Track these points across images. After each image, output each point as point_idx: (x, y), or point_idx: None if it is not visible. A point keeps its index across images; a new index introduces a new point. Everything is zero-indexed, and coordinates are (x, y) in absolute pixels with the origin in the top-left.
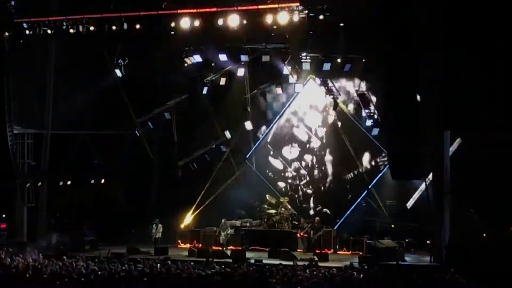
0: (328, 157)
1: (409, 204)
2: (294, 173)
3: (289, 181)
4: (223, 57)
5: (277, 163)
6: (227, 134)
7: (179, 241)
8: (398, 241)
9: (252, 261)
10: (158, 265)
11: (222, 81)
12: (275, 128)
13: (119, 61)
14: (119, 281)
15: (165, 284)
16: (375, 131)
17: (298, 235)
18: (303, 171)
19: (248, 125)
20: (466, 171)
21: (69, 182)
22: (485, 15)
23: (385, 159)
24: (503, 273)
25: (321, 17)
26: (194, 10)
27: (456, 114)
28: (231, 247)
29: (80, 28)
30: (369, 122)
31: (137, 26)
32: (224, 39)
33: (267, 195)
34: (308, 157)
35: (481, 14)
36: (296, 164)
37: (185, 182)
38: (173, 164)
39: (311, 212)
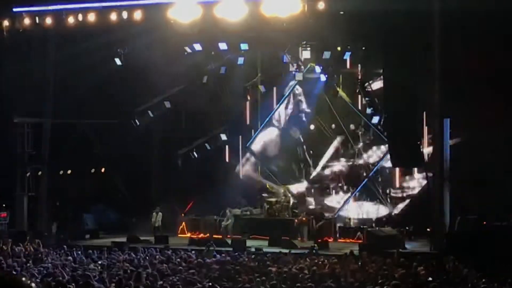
0: (328, 145)
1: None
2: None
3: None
4: (223, 46)
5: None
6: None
7: (180, 229)
8: (398, 228)
9: (253, 249)
10: (159, 253)
11: (222, 70)
12: (275, 117)
13: (118, 50)
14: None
15: (166, 272)
16: (375, 119)
17: (295, 221)
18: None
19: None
20: (467, 158)
21: (69, 171)
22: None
23: (386, 146)
24: (503, 261)
25: (320, 5)
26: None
27: (456, 102)
28: (232, 236)
29: (80, 17)
30: (369, 110)
31: (137, 15)
32: (224, 28)
33: (267, 184)
34: (308, 145)
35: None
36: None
37: (186, 171)
38: (173, 153)
39: (313, 202)
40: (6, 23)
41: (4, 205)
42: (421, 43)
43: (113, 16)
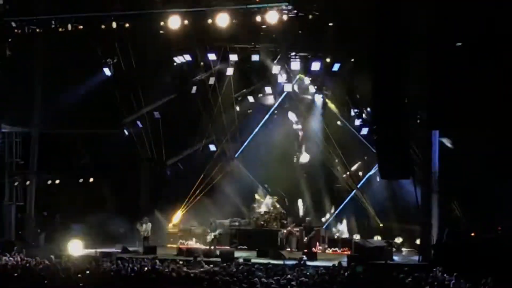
0: (316, 155)
1: None
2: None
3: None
4: (212, 57)
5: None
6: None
7: (168, 240)
8: (386, 240)
9: (241, 260)
10: (147, 264)
11: (211, 81)
12: (264, 128)
13: (108, 60)
14: (108, 280)
15: (154, 283)
16: (364, 131)
17: (284, 232)
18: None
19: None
20: (455, 170)
21: (57, 181)
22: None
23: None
24: (491, 272)
25: (310, 16)
26: (184, 9)
27: (444, 113)
28: (220, 247)
29: (69, 26)
30: (358, 122)
31: (126, 25)
32: (213, 39)
33: (256, 194)
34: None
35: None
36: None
37: (174, 181)
38: (162, 163)
39: (300, 212)
40: None
41: None
42: (408, 54)
43: (102, 26)
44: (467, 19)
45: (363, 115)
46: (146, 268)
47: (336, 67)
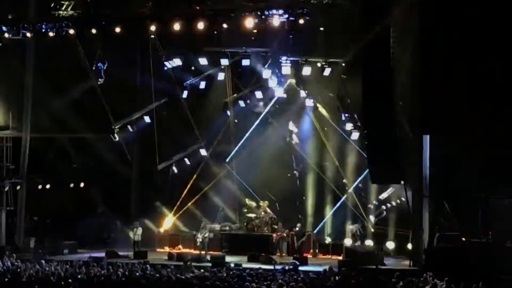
0: (307, 160)
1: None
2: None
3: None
4: (203, 61)
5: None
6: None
7: (159, 245)
8: (378, 245)
9: (232, 265)
10: (138, 269)
11: (202, 85)
12: (255, 132)
13: (98, 65)
14: (98, 286)
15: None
16: (355, 135)
17: (274, 237)
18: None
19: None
20: (445, 174)
21: (48, 186)
22: (461, 16)
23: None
24: (482, 276)
25: (301, 21)
26: (175, 14)
27: (435, 118)
28: (210, 251)
29: (60, 31)
30: (348, 126)
31: (117, 30)
32: (204, 43)
33: (246, 199)
34: (287, 160)
35: (458, 15)
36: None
37: (165, 186)
38: (152, 168)
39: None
40: None
41: None
42: (398, 58)
43: (93, 30)
44: (459, 23)
45: (354, 120)
46: (136, 273)
47: (327, 71)
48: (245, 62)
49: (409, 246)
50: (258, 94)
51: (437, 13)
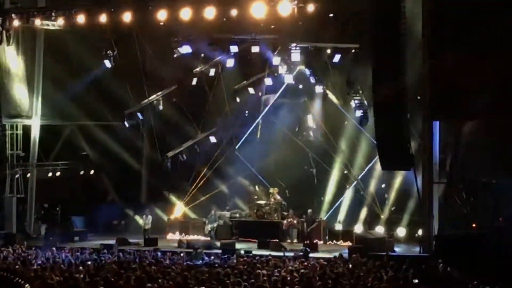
0: (318, 146)
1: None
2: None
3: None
4: (212, 48)
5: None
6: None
7: (169, 232)
8: (388, 231)
9: (242, 252)
10: (148, 256)
11: (212, 72)
12: (264, 119)
13: (108, 52)
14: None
15: (155, 275)
16: (365, 122)
17: (284, 223)
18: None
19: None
20: (456, 160)
21: (58, 173)
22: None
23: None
24: (492, 264)
25: (310, 7)
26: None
27: (445, 104)
28: (220, 239)
29: (69, 18)
30: (358, 113)
31: (126, 17)
32: (214, 30)
33: (256, 186)
34: (297, 148)
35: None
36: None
37: (175, 173)
38: (162, 155)
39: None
40: None
41: None
42: (409, 44)
43: (103, 18)
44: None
45: (364, 106)
46: (147, 260)
47: (336, 58)
48: (255, 49)
49: (420, 232)
50: (268, 81)
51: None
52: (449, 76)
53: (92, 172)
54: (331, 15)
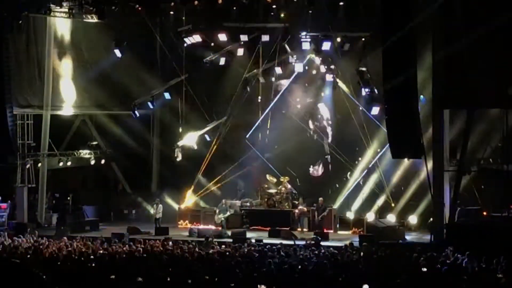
0: (328, 136)
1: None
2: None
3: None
4: (222, 37)
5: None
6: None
7: (179, 221)
8: (399, 219)
9: (253, 241)
10: (159, 245)
11: (222, 61)
12: (275, 108)
13: (118, 42)
14: (120, 261)
15: (166, 264)
16: (375, 110)
17: (295, 212)
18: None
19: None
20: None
21: (69, 163)
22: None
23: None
24: (503, 251)
25: None
26: None
27: (455, 92)
28: (231, 228)
29: (80, 10)
30: (368, 101)
31: (137, 6)
32: (223, 19)
33: (267, 175)
34: (307, 137)
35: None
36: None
37: (185, 163)
38: (172, 145)
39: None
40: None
41: (4, 196)
42: (419, 32)
43: (113, 7)
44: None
45: (374, 95)
46: (158, 249)
47: (346, 46)
48: (265, 38)
49: (430, 220)
50: (278, 70)
51: None
52: (459, 64)
53: (103, 161)
54: (341, 3)
